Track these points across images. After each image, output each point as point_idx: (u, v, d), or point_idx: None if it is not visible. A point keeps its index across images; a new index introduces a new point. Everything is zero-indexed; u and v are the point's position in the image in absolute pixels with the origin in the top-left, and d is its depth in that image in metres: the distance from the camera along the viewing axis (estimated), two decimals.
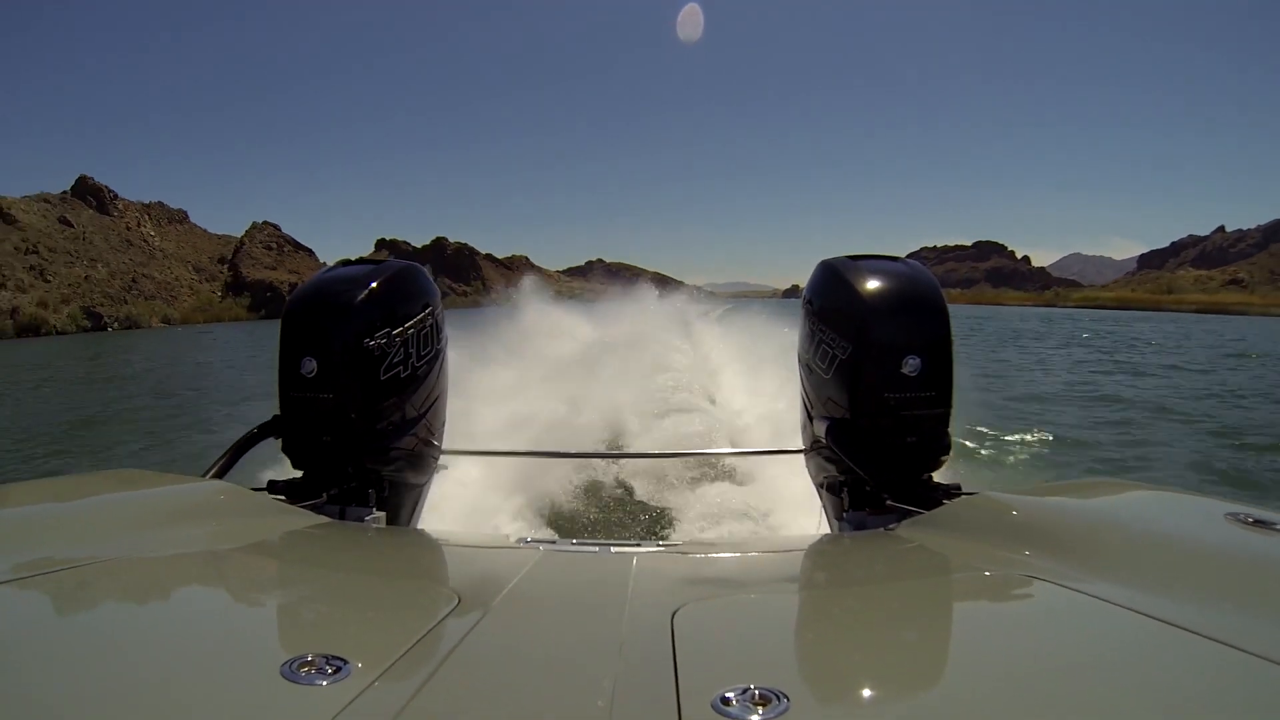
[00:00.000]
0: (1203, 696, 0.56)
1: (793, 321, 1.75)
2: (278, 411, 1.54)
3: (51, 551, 0.85)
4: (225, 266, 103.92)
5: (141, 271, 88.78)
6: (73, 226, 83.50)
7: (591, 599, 0.95)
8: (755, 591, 1.01)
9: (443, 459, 1.83)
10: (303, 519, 1.25)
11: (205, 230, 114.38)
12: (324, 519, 1.30)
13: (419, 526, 1.77)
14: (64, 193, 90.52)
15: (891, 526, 1.27)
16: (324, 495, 1.50)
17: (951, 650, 0.71)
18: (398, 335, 1.54)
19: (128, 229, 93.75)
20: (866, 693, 0.60)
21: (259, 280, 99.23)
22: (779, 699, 0.53)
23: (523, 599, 0.89)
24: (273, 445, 1.57)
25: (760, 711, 0.51)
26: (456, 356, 1.95)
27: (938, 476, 1.51)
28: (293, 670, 0.56)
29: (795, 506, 3.48)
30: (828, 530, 1.69)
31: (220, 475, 1.44)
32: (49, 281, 73.99)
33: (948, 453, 1.49)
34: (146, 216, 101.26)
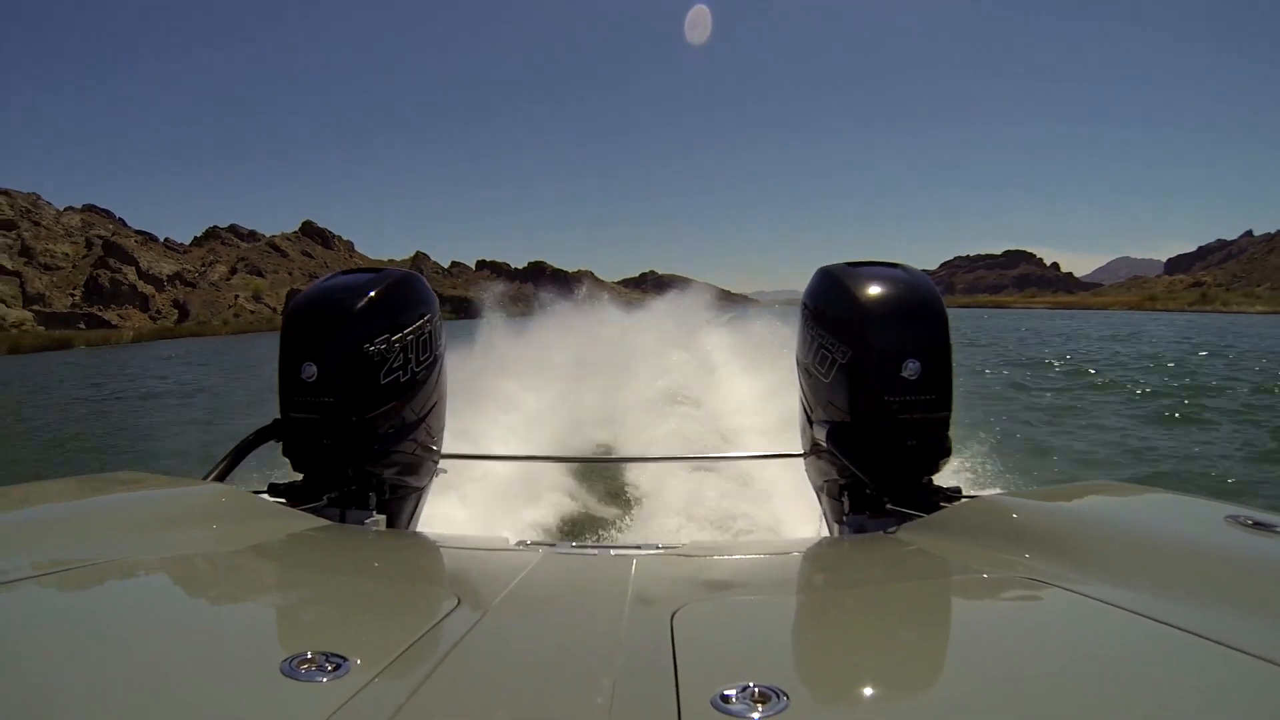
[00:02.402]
0: (1203, 698, 0.56)
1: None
2: (278, 415, 1.56)
3: (54, 553, 0.86)
4: None
5: None
6: (313, 258, 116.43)
7: (591, 600, 0.96)
8: (755, 593, 1.02)
9: (442, 463, 1.85)
10: (303, 522, 1.26)
11: (367, 256, 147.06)
12: (324, 522, 1.32)
13: (419, 529, 1.79)
14: (295, 232, 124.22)
15: (891, 530, 1.26)
16: (324, 498, 1.52)
17: (951, 651, 0.71)
18: (397, 341, 1.56)
19: (344, 259, 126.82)
20: (866, 692, 0.60)
21: (452, 295, 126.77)
22: (778, 697, 0.53)
23: (522, 600, 0.89)
24: (274, 449, 1.58)
25: (760, 709, 0.52)
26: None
27: (938, 480, 1.51)
28: (292, 667, 0.57)
29: (795, 510, 3.44)
30: (827, 534, 1.69)
31: (221, 478, 1.46)
32: None
33: (948, 456, 1.50)
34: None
